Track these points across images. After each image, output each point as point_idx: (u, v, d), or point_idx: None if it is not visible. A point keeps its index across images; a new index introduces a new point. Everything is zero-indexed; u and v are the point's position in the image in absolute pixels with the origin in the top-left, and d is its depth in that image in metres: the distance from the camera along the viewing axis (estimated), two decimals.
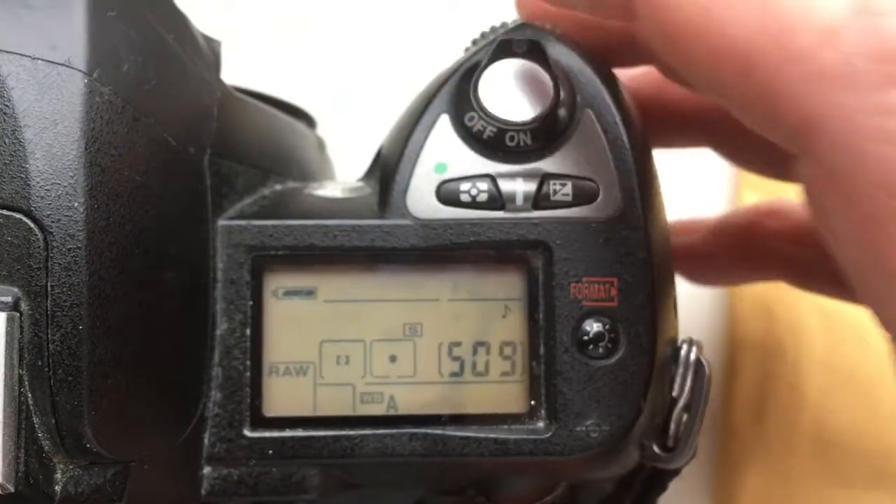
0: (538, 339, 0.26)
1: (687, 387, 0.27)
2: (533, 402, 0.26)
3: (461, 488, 0.27)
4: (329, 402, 0.26)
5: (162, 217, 0.24)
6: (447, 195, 0.26)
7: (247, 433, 0.26)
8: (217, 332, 0.26)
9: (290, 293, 0.26)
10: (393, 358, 0.26)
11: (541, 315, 0.26)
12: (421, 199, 0.26)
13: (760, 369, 0.41)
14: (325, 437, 0.26)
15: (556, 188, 0.26)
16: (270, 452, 0.26)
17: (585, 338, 0.26)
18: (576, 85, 0.27)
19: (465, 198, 0.26)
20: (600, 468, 0.27)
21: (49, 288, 0.22)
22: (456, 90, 0.27)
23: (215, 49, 0.27)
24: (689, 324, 0.42)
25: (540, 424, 0.26)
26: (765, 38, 0.20)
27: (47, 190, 0.22)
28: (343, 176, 0.35)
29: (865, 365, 0.39)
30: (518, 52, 0.27)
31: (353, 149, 0.32)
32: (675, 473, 0.28)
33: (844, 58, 0.19)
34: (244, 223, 0.26)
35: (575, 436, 0.26)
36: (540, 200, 0.26)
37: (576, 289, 0.26)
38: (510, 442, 0.26)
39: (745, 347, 0.42)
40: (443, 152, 0.27)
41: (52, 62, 0.22)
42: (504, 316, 0.27)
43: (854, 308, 0.34)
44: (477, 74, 0.26)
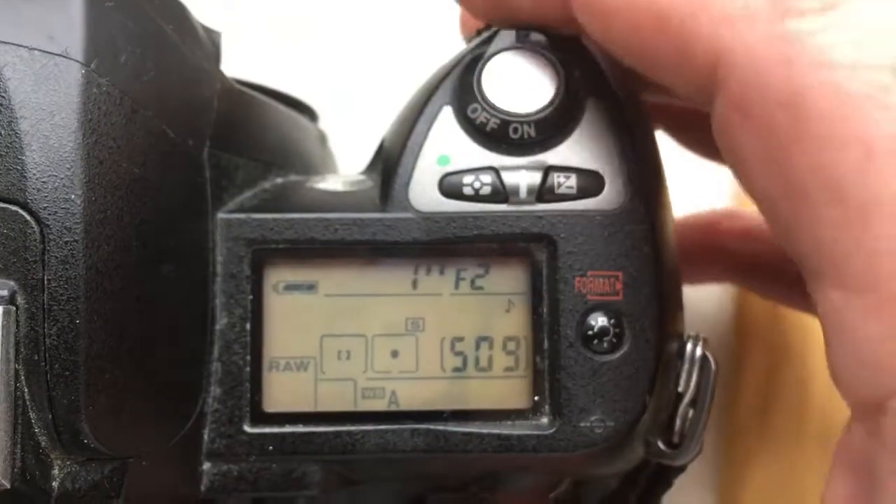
0: (542, 334, 0.26)
1: (693, 382, 0.26)
2: (536, 398, 0.26)
3: (464, 485, 0.27)
4: (330, 398, 0.26)
5: (160, 210, 0.24)
6: (450, 188, 0.26)
7: (247, 429, 0.25)
8: (217, 327, 0.26)
9: (291, 287, 0.26)
10: (395, 353, 0.26)
11: (545, 309, 0.26)
12: (423, 192, 0.26)
13: (767, 364, 0.41)
14: (326, 433, 0.26)
15: (561, 181, 0.26)
16: (270, 448, 0.25)
17: (590, 332, 0.25)
18: (580, 76, 0.26)
19: (468, 191, 0.26)
20: (604, 464, 0.26)
21: (46, 281, 0.22)
22: (459, 82, 0.26)
23: (215, 40, 0.26)
24: (697, 319, 0.42)
25: (544, 420, 0.26)
26: None
27: (44, 182, 0.22)
28: (346, 169, 0.35)
29: None
30: (522, 44, 0.26)
31: (356, 142, 0.31)
32: (681, 470, 0.28)
33: (744, 1, 0.22)
34: (244, 216, 0.26)
35: (579, 432, 0.25)
36: (544, 193, 0.26)
37: (580, 283, 0.26)
38: (513, 438, 0.26)
39: (752, 342, 0.41)
40: (445, 145, 0.26)
41: (50, 53, 0.22)
42: (507, 310, 0.26)
43: None
44: (480, 66, 0.26)
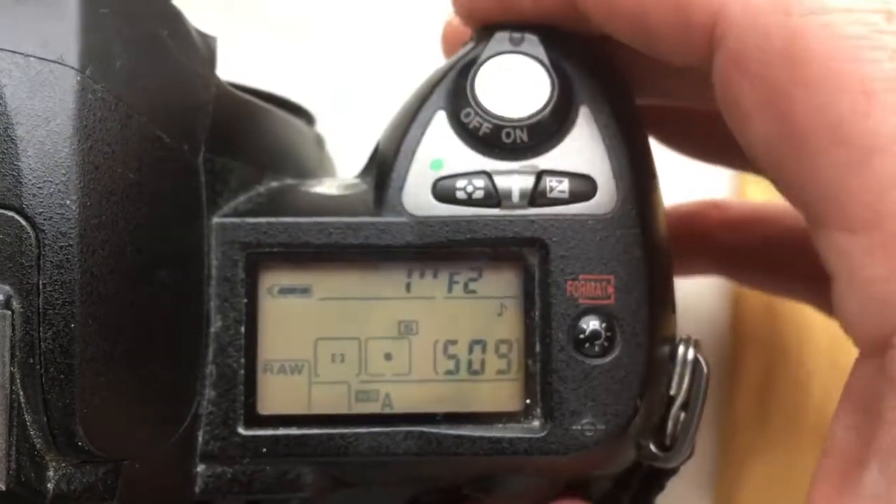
0: (534, 338, 0.26)
1: (684, 385, 0.27)
2: (528, 401, 0.26)
3: (456, 487, 0.27)
4: (324, 401, 0.26)
5: (155, 214, 0.24)
6: (443, 192, 0.26)
7: (241, 431, 0.26)
8: (211, 330, 0.26)
9: (285, 291, 0.26)
10: (388, 356, 0.26)
11: (537, 313, 0.26)
12: (417, 196, 0.26)
13: (764, 366, 0.41)
14: (320, 436, 0.26)
15: (553, 185, 0.26)
16: (264, 450, 0.26)
17: (581, 336, 0.26)
18: (573, 81, 0.26)
19: (461, 195, 0.26)
20: (596, 467, 0.27)
21: (41, 286, 0.22)
22: (452, 86, 0.27)
23: (210, 45, 0.27)
24: (693, 320, 0.42)
25: (535, 423, 0.26)
26: None
27: (39, 187, 0.22)
28: (344, 173, 0.35)
29: None
30: (515, 49, 0.26)
31: (355, 145, 0.31)
32: (673, 472, 0.28)
33: None
34: (239, 220, 0.26)
35: (570, 434, 0.26)
36: (536, 197, 0.26)
37: (572, 286, 0.26)
38: (505, 441, 0.26)
39: (749, 344, 0.42)
40: (439, 149, 0.26)
41: (45, 59, 0.22)
42: (500, 314, 0.26)
43: None
44: (473, 70, 0.26)
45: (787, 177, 0.23)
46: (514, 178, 0.26)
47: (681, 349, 0.27)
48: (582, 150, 0.26)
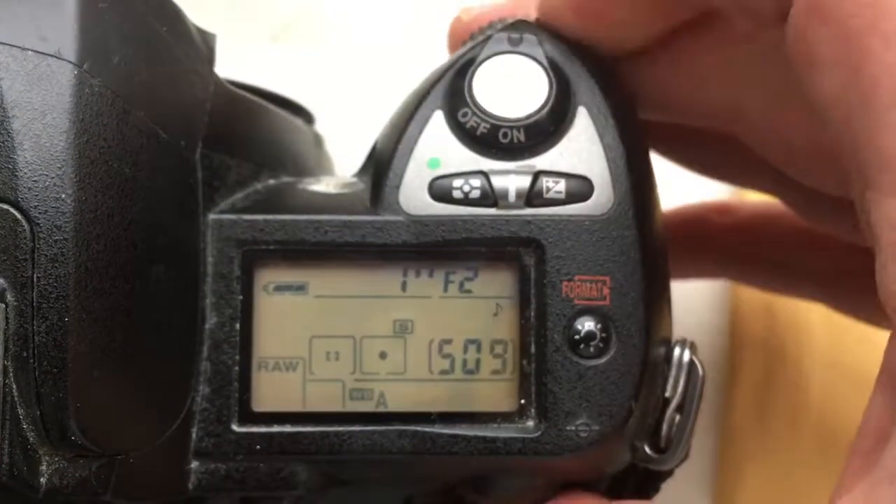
0: (529, 338, 0.26)
1: (680, 387, 0.27)
2: (523, 401, 0.26)
3: (451, 486, 0.27)
4: (318, 398, 0.26)
5: (151, 210, 0.24)
6: (440, 191, 0.26)
7: (235, 428, 0.26)
8: (206, 327, 0.26)
9: (281, 288, 0.26)
10: (383, 354, 0.26)
11: (532, 313, 0.26)
12: (413, 195, 0.26)
13: (762, 368, 0.41)
14: (314, 433, 0.26)
15: (550, 185, 0.26)
16: (258, 448, 0.26)
17: (577, 337, 0.26)
18: (570, 82, 0.26)
19: (458, 194, 0.26)
20: (590, 468, 0.27)
21: (35, 279, 0.22)
22: (450, 86, 0.27)
23: (209, 42, 0.27)
24: (691, 322, 0.42)
25: (529, 423, 0.26)
26: None
27: (35, 181, 0.22)
28: (344, 172, 0.35)
29: (868, 362, 0.39)
30: (513, 49, 0.26)
31: (355, 144, 0.31)
32: (668, 474, 0.28)
33: None
34: (235, 217, 0.26)
35: (564, 435, 0.26)
36: (533, 198, 0.26)
37: (568, 287, 0.26)
38: (499, 441, 0.26)
39: (747, 346, 0.42)
40: (436, 148, 0.26)
41: (42, 53, 0.22)
42: (496, 314, 0.26)
43: None
44: (471, 71, 0.26)
45: (849, 134, 0.22)
46: (511, 178, 0.26)
47: (676, 351, 0.27)
48: (579, 151, 0.26)
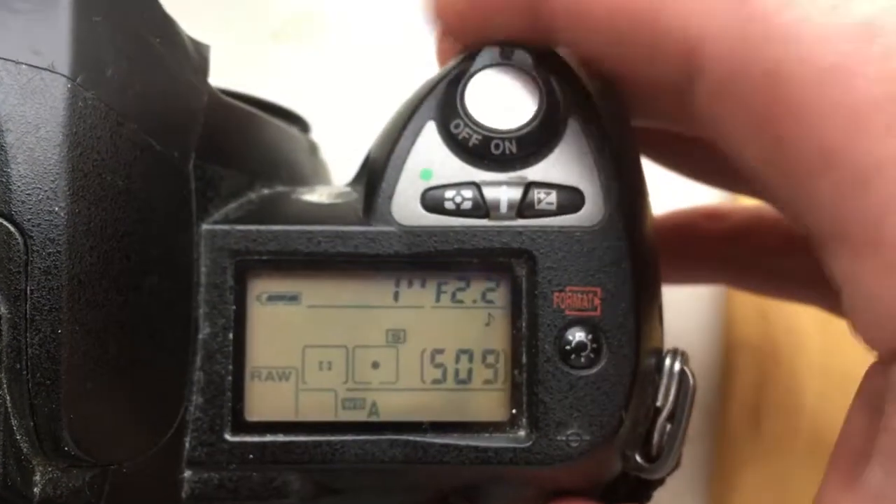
0: (521, 348, 0.26)
1: (671, 397, 0.27)
2: (514, 411, 0.26)
3: (443, 496, 0.28)
4: (311, 408, 0.26)
5: (145, 221, 0.24)
6: (432, 202, 0.26)
7: (228, 437, 0.26)
8: (200, 336, 0.26)
9: (274, 298, 0.26)
10: (375, 364, 0.26)
11: (524, 324, 0.26)
12: (406, 206, 0.26)
13: (756, 373, 0.41)
14: (306, 443, 0.26)
15: (541, 197, 0.26)
16: (251, 457, 0.26)
17: (568, 347, 0.26)
18: (562, 94, 0.26)
19: (450, 205, 0.26)
20: (581, 478, 0.27)
21: (28, 291, 0.22)
22: (442, 97, 0.27)
23: (203, 53, 0.27)
24: (685, 327, 0.42)
25: (521, 433, 0.26)
26: None
27: (28, 194, 0.22)
28: (340, 180, 0.35)
29: (862, 367, 0.39)
30: (505, 61, 0.26)
31: (351, 153, 0.31)
32: (660, 483, 0.28)
33: None
34: (228, 227, 0.26)
35: (555, 445, 0.26)
36: (524, 209, 0.26)
37: (559, 298, 0.26)
38: (491, 450, 0.26)
39: (741, 351, 0.42)
40: (428, 159, 0.27)
41: (36, 67, 0.23)
42: (487, 324, 0.27)
43: None
44: (463, 82, 0.26)
45: (784, 200, 0.23)
46: (503, 190, 0.26)
47: (667, 361, 0.27)
48: (570, 163, 0.26)
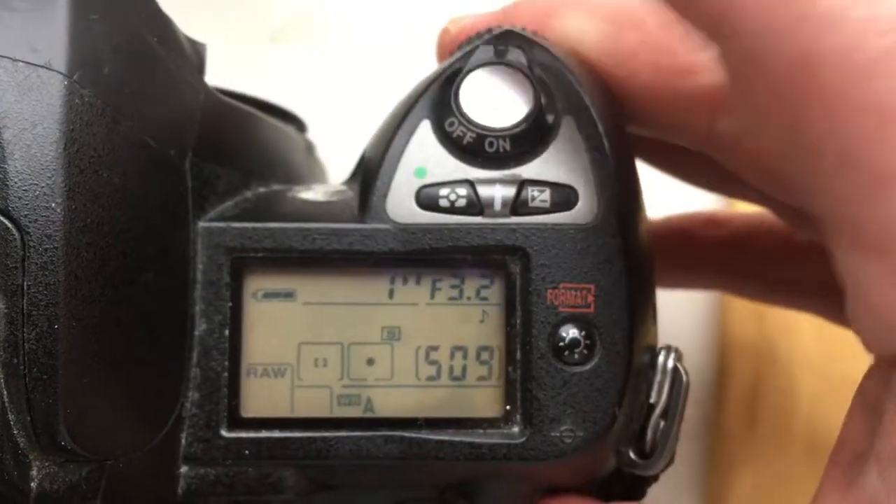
0: (515, 345, 0.26)
1: (664, 394, 0.27)
2: (508, 407, 0.26)
3: (438, 492, 0.28)
4: (306, 404, 0.26)
5: (141, 218, 0.24)
6: (426, 200, 0.27)
7: (224, 433, 0.26)
8: (196, 333, 0.26)
9: (270, 295, 0.27)
10: (370, 361, 0.27)
11: (518, 320, 0.26)
12: (400, 204, 0.27)
13: (753, 373, 0.41)
14: (302, 439, 0.26)
15: (535, 194, 0.26)
16: (247, 453, 0.26)
17: (561, 344, 0.26)
18: (557, 92, 0.27)
19: (444, 203, 0.26)
20: (575, 474, 0.27)
21: (25, 287, 0.22)
22: (437, 96, 0.27)
23: (199, 52, 0.27)
24: (682, 327, 0.42)
25: (515, 429, 0.26)
26: None
27: (25, 190, 0.22)
28: (337, 179, 0.35)
29: (858, 369, 0.39)
30: (499, 59, 0.27)
31: (348, 152, 0.32)
32: (654, 479, 0.28)
33: None
34: (224, 225, 0.26)
35: (549, 441, 0.26)
36: (518, 206, 0.26)
37: (552, 295, 0.26)
38: (485, 446, 0.26)
39: (738, 351, 0.42)
40: (423, 157, 0.27)
41: (33, 64, 0.23)
42: (482, 321, 0.27)
43: None
44: (458, 81, 0.27)
45: (799, 190, 0.22)
46: (497, 188, 0.26)
47: (661, 358, 0.27)
48: (564, 161, 0.26)
